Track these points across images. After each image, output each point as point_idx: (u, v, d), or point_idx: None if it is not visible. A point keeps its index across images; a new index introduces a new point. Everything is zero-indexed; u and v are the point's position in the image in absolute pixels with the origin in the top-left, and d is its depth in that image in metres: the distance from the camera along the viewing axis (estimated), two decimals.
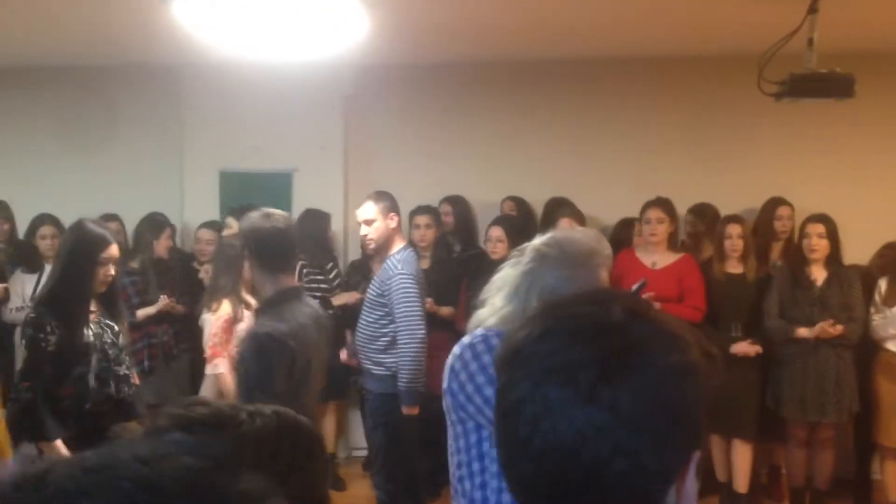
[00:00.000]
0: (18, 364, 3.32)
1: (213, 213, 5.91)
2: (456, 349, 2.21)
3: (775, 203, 5.16)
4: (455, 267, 5.34)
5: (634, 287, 2.16)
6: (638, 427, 0.77)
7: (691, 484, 0.83)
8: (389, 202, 4.04)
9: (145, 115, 6.16)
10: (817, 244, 4.64)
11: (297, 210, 5.86)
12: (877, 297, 4.65)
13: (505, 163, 5.90)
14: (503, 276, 2.15)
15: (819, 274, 4.67)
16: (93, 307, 3.30)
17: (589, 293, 0.89)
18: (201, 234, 5.54)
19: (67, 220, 5.59)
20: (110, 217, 5.52)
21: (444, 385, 2.23)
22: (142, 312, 5.03)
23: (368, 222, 3.99)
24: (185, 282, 5.34)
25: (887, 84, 5.17)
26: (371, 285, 4.11)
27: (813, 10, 3.56)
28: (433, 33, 4.73)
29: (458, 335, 2.76)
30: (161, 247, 5.32)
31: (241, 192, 5.90)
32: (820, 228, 4.66)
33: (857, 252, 5.01)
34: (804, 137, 5.49)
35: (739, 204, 5.30)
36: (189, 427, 1.05)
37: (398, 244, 4.04)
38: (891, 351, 4.58)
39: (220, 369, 3.97)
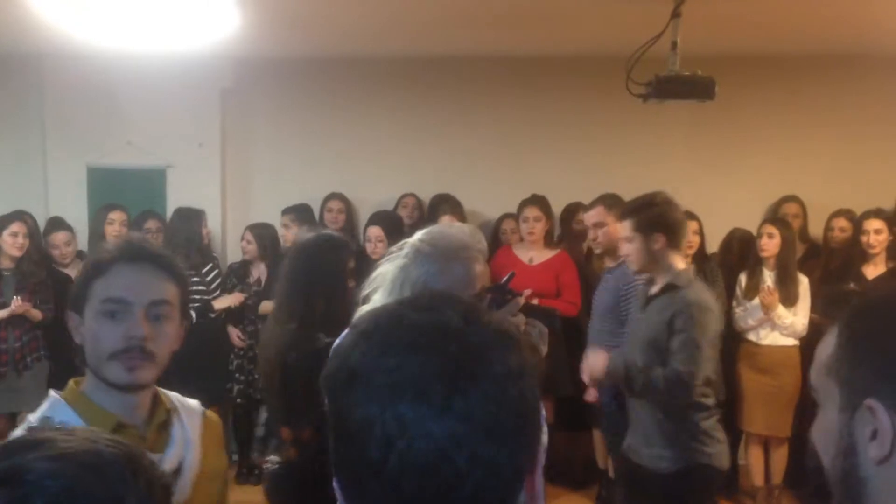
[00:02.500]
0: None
1: (82, 211, 5.64)
2: (336, 343, 2.20)
3: None
4: None
5: (504, 279, 2.19)
6: (491, 433, 0.76)
7: (540, 481, 0.83)
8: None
9: (3, 107, 5.79)
10: (693, 240, 4.82)
11: (173, 208, 5.67)
12: (738, 291, 4.88)
13: (389, 160, 5.88)
14: (381, 271, 2.16)
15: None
16: None
17: (422, 299, 0.86)
18: (59, 238, 5.12)
19: None
20: None
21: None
22: None
23: (598, 226, 3.98)
24: (48, 285, 4.95)
25: (746, 86, 5.42)
26: (602, 291, 4.00)
27: (676, 14, 3.69)
28: (309, 26, 4.65)
29: None
30: (7, 244, 4.78)
31: (112, 188, 5.66)
32: (695, 226, 4.85)
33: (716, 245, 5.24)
34: (671, 137, 5.69)
35: None
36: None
37: None
38: (751, 341, 4.80)
39: None
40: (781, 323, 4.66)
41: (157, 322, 1.52)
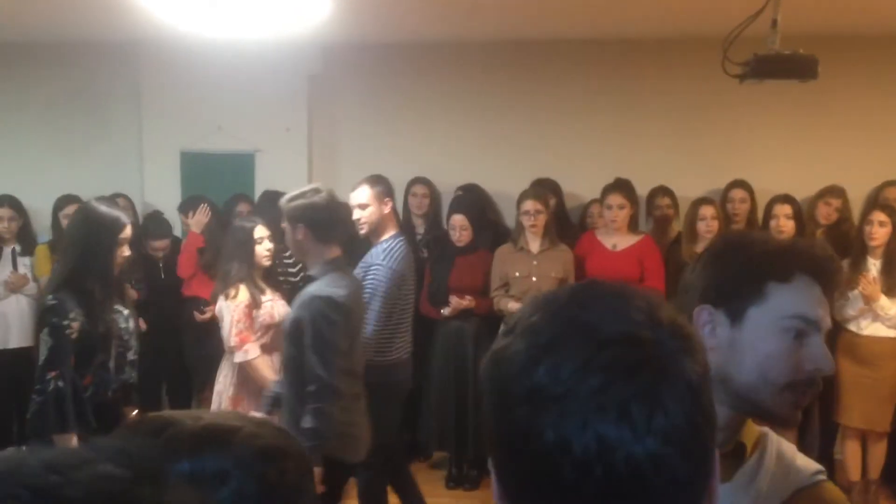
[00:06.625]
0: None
1: (175, 195, 5.80)
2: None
3: (730, 186, 5.19)
4: (418, 249, 5.24)
5: None
6: (687, 452, 0.73)
7: (717, 483, 0.80)
8: (384, 187, 4.04)
9: (102, 94, 6.00)
10: (785, 225, 4.67)
11: (261, 191, 5.78)
12: None
13: (473, 145, 5.85)
14: None
15: None
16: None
17: (591, 293, 0.79)
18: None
19: (25, 202, 5.47)
20: (72, 199, 5.35)
21: None
22: None
23: (363, 206, 3.96)
24: (139, 264, 5.04)
25: (848, 66, 5.19)
26: (357, 269, 4.00)
27: None
28: (398, 12, 4.66)
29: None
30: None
31: (203, 172, 5.81)
32: (787, 209, 4.68)
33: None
34: (765, 119, 5.50)
35: (704, 186, 5.32)
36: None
37: (390, 231, 4.01)
38: (852, 331, 4.62)
39: (252, 355, 3.75)
40: (885, 314, 4.47)
41: None
